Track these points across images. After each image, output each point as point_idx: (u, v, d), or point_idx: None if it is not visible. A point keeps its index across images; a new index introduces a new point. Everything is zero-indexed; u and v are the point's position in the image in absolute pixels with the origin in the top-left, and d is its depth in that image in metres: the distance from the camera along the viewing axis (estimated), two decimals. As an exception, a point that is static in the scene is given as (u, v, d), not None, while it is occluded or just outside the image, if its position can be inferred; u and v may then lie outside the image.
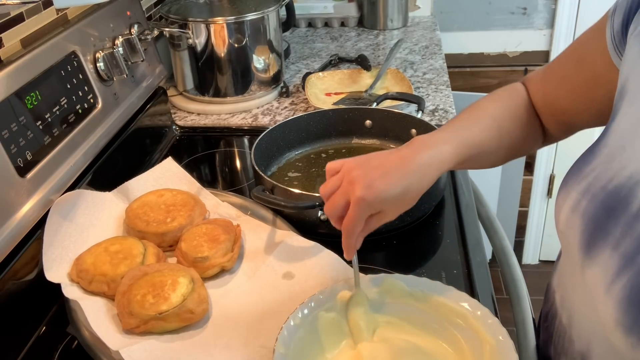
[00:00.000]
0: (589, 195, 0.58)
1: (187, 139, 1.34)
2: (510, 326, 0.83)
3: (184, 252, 0.85)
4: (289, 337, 0.69)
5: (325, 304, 0.73)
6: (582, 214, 0.58)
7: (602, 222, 0.55)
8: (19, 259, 0.80)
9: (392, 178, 0.67)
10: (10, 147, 0.81)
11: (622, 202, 0.54)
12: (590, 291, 0.57)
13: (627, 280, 0.51)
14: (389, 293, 0.75)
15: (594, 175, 0.58)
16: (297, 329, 0.70)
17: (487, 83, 2.11)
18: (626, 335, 0.51)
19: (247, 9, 1.34)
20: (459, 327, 0.71)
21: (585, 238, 0.57)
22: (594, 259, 0.56)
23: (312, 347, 0.71)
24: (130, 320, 0.74)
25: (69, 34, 0.98)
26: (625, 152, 0.56)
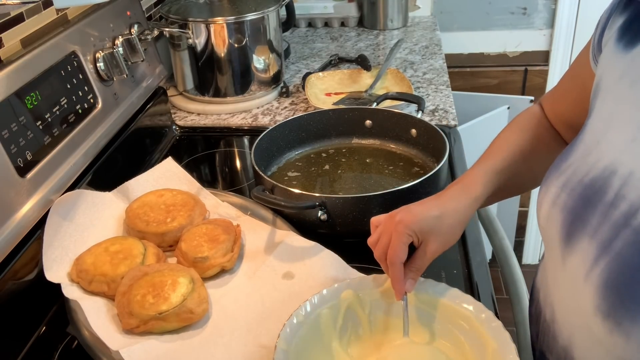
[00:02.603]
0: (567, 189, 0.60)
1: (187, 139, 1.34)
2: (510, 326, 0.83)
3: (184, 252, 0.85)
4: (291, 334, 0.69)
5: (329, 302, 0.73)
6: (562, 207, 0.60)
7: (581, 213, 0.58)
8: (19, 259, 0.80)
9: (428, 205, 0.73)
10: (10, 147, 0.81)
11: (598, 192, 0.56)
12: (570, 281, 0.59)
13: (605, 265, 0.54)
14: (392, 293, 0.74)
15: (572, 170, 0.61)
16: (300, 327, 0.70)
17: (487, 83, 2.11)
18: (604, 320, 0.53)
19: (247, 9, 1.34)
20: (462, 329, 0.71)
21: (565, 230, 0.59)
22: (573, 248, 0.58)
23: (314, 344, 0.71)
24: (130, 320, 0.74)
25: (69, 34, 0.98)
26: (599, 145, 0.59)
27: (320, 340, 0.72)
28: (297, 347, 0.68)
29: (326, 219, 0.91)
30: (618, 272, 0.52)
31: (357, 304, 0.74)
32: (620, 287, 0.52)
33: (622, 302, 0.52)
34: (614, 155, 0.57)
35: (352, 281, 0.76)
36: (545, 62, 2.07)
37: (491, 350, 0.66)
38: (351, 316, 0.74)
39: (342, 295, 0.74)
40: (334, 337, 0.73)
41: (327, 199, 0.91)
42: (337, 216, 0.92)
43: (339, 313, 0.73)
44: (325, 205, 0.91)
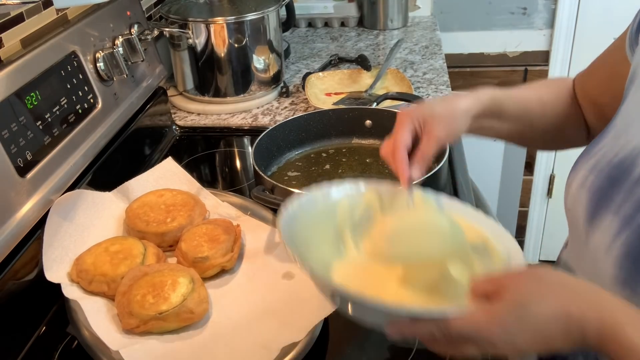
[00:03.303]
0: (595, 171, 0.61)
1: (187, 139, 1.34)
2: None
3: (184, 252, 0.85)
4: (307, 202, 0.68)
5: (350, 195, 0.72)
6: (589, 188, 0.61)
7: (607, 191, 0.59)
8: (19, 259, 0.80)
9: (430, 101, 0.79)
10: (10, 147, 0.81)
11: (625, 172, 0.58)
12: (592, 256, 0.60)
13: (625, 238, 0.55)
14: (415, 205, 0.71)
15: (602, 153, 0.62)
16: (315, 204, 0.69)
17: (487, 83, 2.11)
18: (622, 289, 0.55)
19: (247, 9, 1.34)
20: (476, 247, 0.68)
21: (591, 209, 0.60)
22: (597, 225, 0.59)
23: (325, 224, 0.69)
24: (130, 320, 0.74)
25: (69, 34, 0.98)
26: (630, 129, 0.61)
27: (333, 223, 0.70)
28: (306, 217, 0.67)
29: (326, 219, 0.91)
30: (637, 244, 0.54)
31: (377, 205, 0.72)
32: (637, 256, 0.54)
33: (638, 270, 0.54)
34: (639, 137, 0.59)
35: (380, 185, 0.73)
36: (545, 62, 2.07)
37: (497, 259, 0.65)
38: (368, 215, 0.72)
39: (366, 195, 0.72)
40: (347, 226, 0.71)
41: (327, 199, 0.91)
42: (337, 216, 0.92)
43: (357, 208, 0.71)
44: (325, 205, 0.91)
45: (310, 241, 0.67)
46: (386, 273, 0.67)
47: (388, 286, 0.65)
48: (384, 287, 0.65)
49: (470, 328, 0.53)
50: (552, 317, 0.51)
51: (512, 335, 0.53)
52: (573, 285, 0.53)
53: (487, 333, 0.53)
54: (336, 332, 0.80)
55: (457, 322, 0.53)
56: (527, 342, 0.53)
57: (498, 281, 0.55)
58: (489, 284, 0.55)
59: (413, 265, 0.66)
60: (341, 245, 0.71)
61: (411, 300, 0.63)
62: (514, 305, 0.52)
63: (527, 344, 0.53)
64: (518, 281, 0.54)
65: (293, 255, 0.60)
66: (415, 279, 0.65)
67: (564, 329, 0.51)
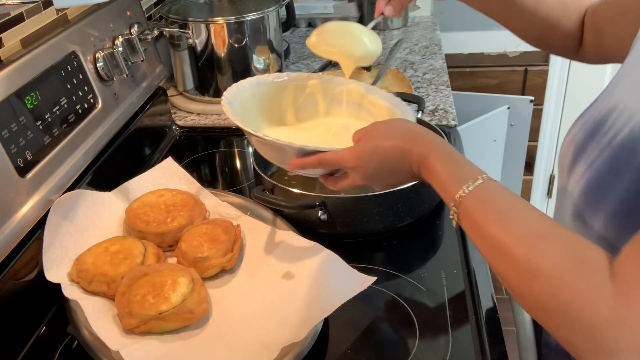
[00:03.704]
0: (583, 128, 0.70)
1: (187, 139, 1.34)
2: (510, 326, 0.83)
3: (184, 252, 0.85)
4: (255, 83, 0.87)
5: (296, 82, 0.91)
6: (574, 142, 0.70)
7: (585, 144, 0.68)
8: (19, 259, 0.80)
9: None
10: (10, 147, 0.81)
11: (600, 126, 0.66)
12: (565, 199, 0.69)
13: (586, 179, 0.65)
14: (349, 93, 0.91)
15: (591, 112, 0.71)
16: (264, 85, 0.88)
17: (487, 83, 2.11)
18: (575, 221, 0.66)
19: (247, 9, 1.34)
20: None
21: (572, 160, 0.70)
22: (573, 172, 0.68)
23: (271, 104, 0.88)
24: (130, 320, 0.74)
25: (69, 34, 0.98)
26: (615, 89, 0.68)
27: (278, 105, 0.89)
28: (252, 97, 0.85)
29: (326, 219, 0.91)
30: (592, 182, 0.64)
31: (319, 92, 0.91)
32: (591, 192, 0.64)
33: (589, 202, 0.64)
34: (619, 96, 0.66)
35: (323, 75, 0.92)
36: (545, 62, 2.07)
37: None
38: (311, 100, 0.91)
39: (310, 82, 0.91)
40: (290, 108, 0.90)
41: (327, 199, 0.91)
42: (337, 216, 0.92)
43: (302, 94, 0.90)
44: (325, 205, 0.91)
45: (252, 112, 0.86)
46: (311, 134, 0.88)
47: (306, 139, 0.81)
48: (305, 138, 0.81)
49: (338, 160, 0.72)
50: (391, 151, 0.69)
51: (367, 164, 0.70)
52: (411, 130, 0.71)
53: (349, 163, 0.71)
54: (336, 332, 0.80)
55: (329, 155, 0.72)
56: (377, 171, 0.71)
57: (366, 129, 0.72)
58: (361, 131, 0.73)
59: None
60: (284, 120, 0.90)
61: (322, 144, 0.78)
62: (368, 144, 0.70)
63: (378, 174, 0.71)
64: (376, 127, 0.72)
65: (227, 112, 0.78)
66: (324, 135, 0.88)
67: (399, 160, 0.68)
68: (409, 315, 0.82)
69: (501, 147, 1.89)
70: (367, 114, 0.91)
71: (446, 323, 0.81)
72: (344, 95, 0.91)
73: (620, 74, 0.70)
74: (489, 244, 0.57)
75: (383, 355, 0.77)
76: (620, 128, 0.64)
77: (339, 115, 0.92)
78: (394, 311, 0.83)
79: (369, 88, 0.92)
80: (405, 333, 0.80)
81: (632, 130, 0.62)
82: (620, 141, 0.63)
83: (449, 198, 0.62)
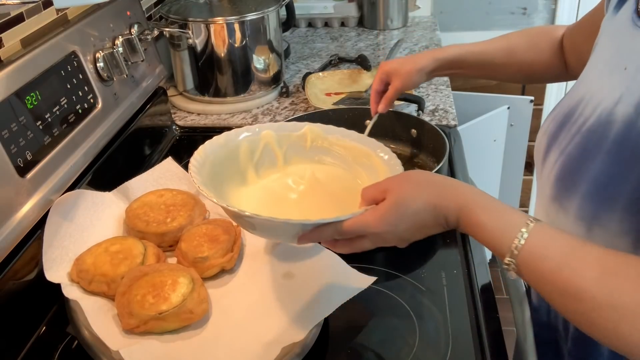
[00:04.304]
0: (554, 120, 0.75)
1: (187, 139, 1.34)
2: (510, 326, 0.83)
3: (184, 252, 0.85)
4: (210, 150, 0.78)
5: (249, 137, 0.83)
6: (547, 134, 0.75)
7: (556, 134, 0.73)
8: (19, 259, 0.80)
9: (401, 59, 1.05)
10: (10, 147, 0.81)
11: (570, 116, 0.72)
12: (542, 185, 0.74)
13: (559, 164, 0.70)
14: (307, 137, 0.85)
15: (561, 105, 0.76)
16: (220, 148, 0.80)
17: (487, 83, 2.11)
18: (552, 203, 0.70)
19: (247, 9, 1.34)
20: (363, 164, 0.81)
21: (545, 149, 0.74)
22: (547, 160, 0.73)
23: (230, 167, 0.80)
24: (130, 320, 0.74)
25: (69, 34, 0.98)
26: (582, 83, 0.74)
27: (237, 165, 0.81)
28: (214, 162, 0.77)
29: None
30: (566, 166, 0.68)
31: (275, 142, 0.84)
32: (565, 176, 0.68)
33: (565, 186, 0.68)
34: (586, 87, 0.72)
35: (273, 124, 0.86)
36: (545, 62, 2.07)
37: (382, 171, 0.77)
38: (268, 152, 0.84)
39: (262, 134, 0.84)
40: (250, 166, 0.83)
41: (327, 199, 0.91)
42: (337, 216, 0.92)
43: (257, 148, 0.83)
44: (325, 205, 0.91)
45: (220, 182, 0.77)
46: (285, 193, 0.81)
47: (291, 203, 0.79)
48: (287, 204, 0.79)
49: (361, 226, 0.66)
50: (423, 209, 0.64)
51: (395, 227, 0.65)
52: (438, 183, 0.67)
53: (375, 229, 0.65)
54: (336, 332, 0.80)
55: (351, 223, 0.66)
56: (408, 232, 0.66)
57: (382, 187, 0.67)
58: (376, 191, 0.68)
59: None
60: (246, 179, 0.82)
61: (314, 212, 0.72)
62: (394, 204, 0.65)
63: (409, 233, 0.66)
64: (396, 185, 0.67)
65: (208, 196, 0.68)
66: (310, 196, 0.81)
67: (433, 217, 0.65)
68: (409, 315, 0.82)
69: (501, 147, 1.89)
70: (331, 156, 0.85)
71: (446, 323, 0.81)
72: (307, 141, 0.85)
73: (586, 70, 0.75)
74: (561, 291, 0.55)
75: (383, 355, 0.77)
76: (588, 116, 0.69)
77: (298, 163, 0.85)
78: (394, 311, 0.83)
79: (328, 128, 0.85)
80: (405, 333, 0.80)
81: (599, 116, 0.67)
82: (589, 127, 0.67)
83: (503, 250, 0.58)
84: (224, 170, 0.78)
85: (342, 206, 0.73)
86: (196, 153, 0.75)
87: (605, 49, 0.73)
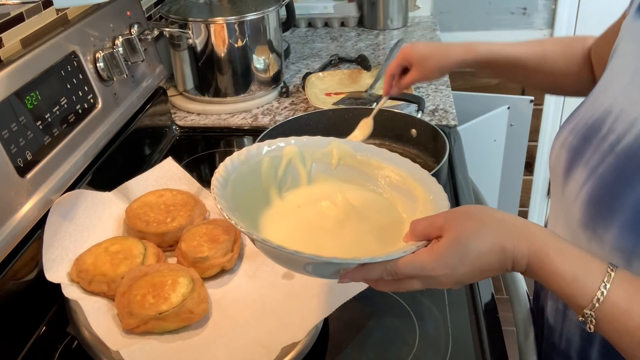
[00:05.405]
0: (574, 132, 0.69)
1: (187, 139, 1.34)
2: (510, 326, 0.83)
3: (184, 252, 0.85)
4: (232, 168, 0.70)
5: (271, 154, 0.76)
6: (568, 147, 0.69)
7: (580, 148, 0.67)
8: (19, 259, 0.80)
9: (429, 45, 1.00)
10: (10, 147, 0.81)
11: (596, 130, 0.66)
12: (565, 205, 0.68)
13: (590, 186, 0.63)
14: (333, 155, 0.79)
15: (580, 116, 0.70)
16: (242, 165, 0.72)
17: (487, 83, 2.11)
18: (585, 230, 0.63)
19: (247, 9, 1.34)
20: (398, 188, 0.74)
21: (567, 165, 0.68)
22: (571, 177, 0.67)
23: (252, 185, 0.73)
24: (130, 320, 0.74)
25: (69, 34, 0.98)
26: (604, 94, 0.68)
27: (259, 184, 0.74)
28: (235, 181, 0.69)
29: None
30: (598, 190, 0.62)
31: (298, 159, 0.78)
32: (599, 201, 0.62)
33: (599, 212, 0.62)
34: (612, 99, 0.66)
35: (297, 139, 0.79)
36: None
37: (422, 198, 0.69)
38: (291, 170, 0.77)
39: (285, 150, 0.77)
40: (273, 185, 0.75)
41: (327, 199, 0.90)
42: (337, 216, 0.92)
43: (279, 165, 0.76)
44: (325, 205, 0.91)
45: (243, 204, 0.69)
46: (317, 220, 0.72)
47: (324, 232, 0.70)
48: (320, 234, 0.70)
49: (415, 267, 0.58)
50: (489, 251, 0.57)
51: (453, 269, 0.58)
52: (505, 221, 0.59)
53: (431, 271, 0.58)
54: (336, 332, 0.80)
55: (403, 262, 0.58)
56: (467, 275, 0.58)
57: (437, 222, 0.59)
58: (430, 226, 0.60)
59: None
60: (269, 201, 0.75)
61: (352, 243, 0.67)
62: (454, 244, 0.57)
63: (467, 277, 0.59)
64: (456, 221, 0.59)
65: (237, 225, 0.61)
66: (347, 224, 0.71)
67: (499, 261, 0.57)
68: (409, 315, 0.82)
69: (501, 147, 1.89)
70: (361, 177, 0.78)
71: (446, 323, 0.81)
72: (333, 158, 0.79)
73: (607, 77, 0.69)
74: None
75: (383, 355, 0.77)
76: (622, 133, 0.62)
77: (324, 182, 0.78)
78: (394, 311, 0.83)
79: (356, 146, 0.80)
80: (405, 333, 0.80)
81: (638, 136, 0.60)
82: (626, 147, 0.61)
83: (582, 302, 0.53)
84: (247, 190, 0.72)
85: (383, 238, 0.67)
86: (217, 172, 0.68)
87: (629, 56, 0.67)
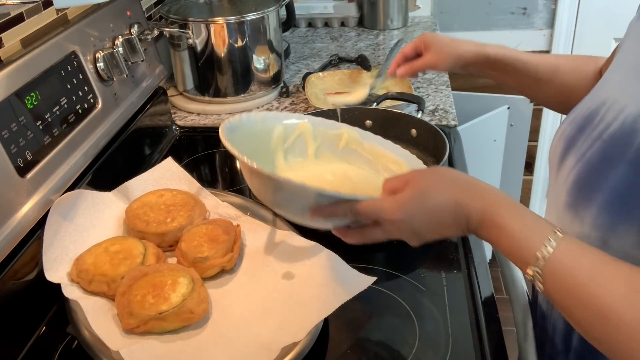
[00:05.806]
0: (572, 123, 0.71)
1: (187, 139, 1.34)
2: (510, 326, 0.83)
3: (184, 252, 0.85)
4: (247, 121, 0.77)
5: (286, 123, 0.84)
6: (564, 137, 0.71)
7: (575, 137, 0.69)
8: (19, 259, 0.80)
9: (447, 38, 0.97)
10: (10, 147, 0.81)
11: (590, 120, 0.68)
12: (558, 191, 0.70)
13: (576, 170, 0.66)
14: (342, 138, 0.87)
15: (580, 108, 0.72)
16: (255, 124, 0.79)
17: (487, 83, 2.10)
18: (568, 210, 0.66)
19: (247, 9, 1.34)
20: (391, 171, 0.82)
21: (562, 154, 0.70)
22: (563, 165, 0.69)
23: (260, 143, 0.79)
24: (130, 321, 0.74)
25: (69, 34, 0.98)
26: (603, 87, 0.70)
27: (268, 146, 0.82)
28: (245, 132, 0.76)
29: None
30: (584, 173, 0.65)
31: (310, 134, 0.85)
32: (582, 183, 0.65)
33: (581, 193, 0.64)
34: (609, 91, 0.68)
35: (313, 117, 0.86)
36: (545, 62, 2.07)
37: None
38: (300, 142, 0.85)
39: (300, 124, 0.85)
40: (280, 149, 0.83)
41: (327, 199, 0.91)
42: (337, 216, 0.92)
43: (291, 135, 0.84)
44: (325, 205, 0.91)
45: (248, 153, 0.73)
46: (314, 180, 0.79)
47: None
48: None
49: (376, 209, 0.64)
50: (444, 204, 0.61)
51: (411, 218, 0.62)
52: (464, 180, 0.64)
53: (390, 215, 0.63)
54: (336, 332, 0.80)
55: (366, 204, 0.64)
56: (424, 226, 0.63)
57: (404, 177, 0.65)
58: (397, 180, 0.66)
59: None
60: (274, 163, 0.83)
61: None
62: (414, 194, 0.62)
63: (424, 228, 0.63)
64: (420, 176, 0.64)
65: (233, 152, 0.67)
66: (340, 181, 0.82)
67: (453, 215, 0.61)
68: (409, 315, 0.82)
69: (501, 147, 1.89)
70: (362, 161, 0.87)
71: (446, 323, 0.81)
72: (341, 141, 0.88)
73: (607, 74, 0.72)
74: (587, 305, 0.53)
75: (383, 355, 0.77)
76: (610, 121, 0.64)
77: (328, 159, 0.88)
78: (394, 311, 0.83)
79: (364, 134, 0.88)
80: (405, 333, 0.80)
81: (623, 122, 0.62)
82: (612, 133, 0.63)
83: (528, 258, 0.56)
84: (255, 145, 0.78)
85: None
86: (231, 118, 0.76)
87: (629, 53, 0.69)
